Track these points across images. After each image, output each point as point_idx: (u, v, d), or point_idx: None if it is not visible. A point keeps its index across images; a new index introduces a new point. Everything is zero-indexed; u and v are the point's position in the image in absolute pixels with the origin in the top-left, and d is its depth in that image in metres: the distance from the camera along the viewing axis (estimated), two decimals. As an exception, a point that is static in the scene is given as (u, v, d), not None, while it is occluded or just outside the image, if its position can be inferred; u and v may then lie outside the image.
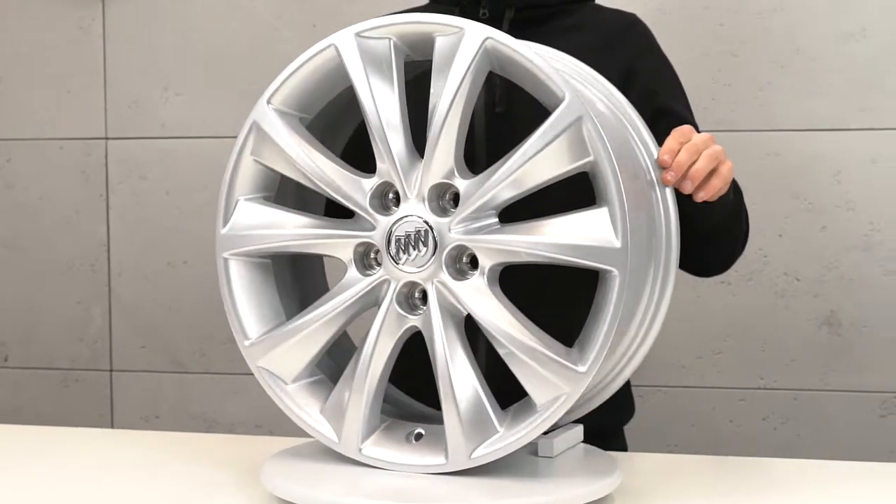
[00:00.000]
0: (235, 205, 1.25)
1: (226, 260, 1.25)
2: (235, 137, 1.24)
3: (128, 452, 1.41)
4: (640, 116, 1.29)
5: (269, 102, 1.22)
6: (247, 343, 1.24)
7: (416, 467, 1.17)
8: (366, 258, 1.20)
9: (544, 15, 1.51)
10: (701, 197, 1.24)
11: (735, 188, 1.42)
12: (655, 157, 1.23)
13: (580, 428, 1.31)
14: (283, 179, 1.26)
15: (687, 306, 2.21)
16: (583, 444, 1.30)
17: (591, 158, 1.10)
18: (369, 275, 1.19)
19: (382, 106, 1.18)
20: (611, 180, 1.08)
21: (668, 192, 1.24)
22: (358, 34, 1.18)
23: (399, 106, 1.18)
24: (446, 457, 1.15)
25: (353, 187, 1.19)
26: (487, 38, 1.13)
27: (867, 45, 2.14)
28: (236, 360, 2.46)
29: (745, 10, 2.19)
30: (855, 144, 2.16)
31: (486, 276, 1.14)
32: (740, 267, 2.00)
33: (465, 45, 1.13)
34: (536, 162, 1.12)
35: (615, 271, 1.09)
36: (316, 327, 1.20)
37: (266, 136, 1.22)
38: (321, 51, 1.20)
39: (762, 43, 2.18)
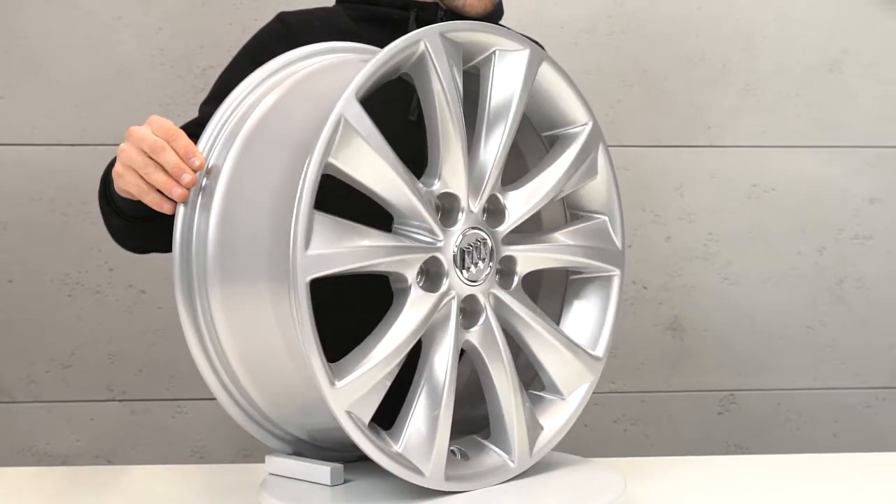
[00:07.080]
0: (313, 219, 1.00)
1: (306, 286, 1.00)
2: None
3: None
4: None
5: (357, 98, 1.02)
6: (337, 385, 1.02)
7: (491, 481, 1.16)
8: (430, 274, 1.11)
9: None
10: None
11: None
12: None
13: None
14: None
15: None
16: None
17: (596, 177, 1.24)
18: (434, 292, 1.09)
19: (465, 112, 1.11)
20: (614, 194, 1.26)
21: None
22: (442, 34, 1.09)
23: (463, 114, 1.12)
24: (512, 460, 1.16)
25: (423, 199, 1.08)
26: (544, 61, 1.17)
27: (707, 67, 2.31)
28: (68, 386, 2.31)
29: (598, 32, 2.29)
30: (696, 160, 2.32)
31: (520, 283, 1.19)
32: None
33: (530, 63, 1.15)
34: (567, 179, 1.21)
35: (618, 271, 1.27)
36: (392, 358, 1.05)
37: (355, 137, 1.02)
38: (410, 44, 1.06)
39: (613, 63, 2.30)
